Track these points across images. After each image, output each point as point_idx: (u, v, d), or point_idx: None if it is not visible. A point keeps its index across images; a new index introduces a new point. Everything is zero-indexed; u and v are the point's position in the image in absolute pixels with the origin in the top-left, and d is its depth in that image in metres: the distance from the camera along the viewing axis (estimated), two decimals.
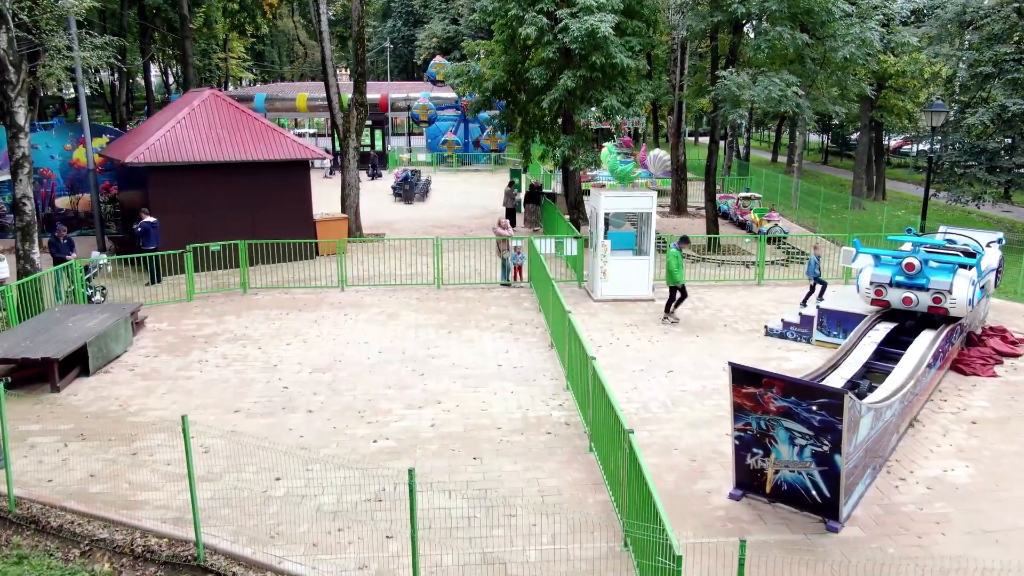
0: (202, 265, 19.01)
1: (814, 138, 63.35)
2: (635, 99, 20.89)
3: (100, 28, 49.22)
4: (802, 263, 21.14)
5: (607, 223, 17.00)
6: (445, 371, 12.85)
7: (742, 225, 26.52)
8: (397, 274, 19.34)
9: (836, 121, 42.50)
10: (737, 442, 8.46)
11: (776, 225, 24.28)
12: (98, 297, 16.83)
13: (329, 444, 10.18)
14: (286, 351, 13.84)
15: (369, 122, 46.91)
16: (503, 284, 18.52)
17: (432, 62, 47.92)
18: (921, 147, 51.81)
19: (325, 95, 28.00)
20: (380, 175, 41.82)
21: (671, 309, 15.63)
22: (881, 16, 20.02)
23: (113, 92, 52.79)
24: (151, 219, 18.58)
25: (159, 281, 18.65)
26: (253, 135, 20.51)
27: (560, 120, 24.40)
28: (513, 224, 26.56)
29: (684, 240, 16.52)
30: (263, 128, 20.81)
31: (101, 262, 17.67)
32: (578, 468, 9.48)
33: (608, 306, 16.79)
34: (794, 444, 7.98)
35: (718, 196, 27.98)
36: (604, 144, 33.87)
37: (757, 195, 27.58)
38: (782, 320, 14.68)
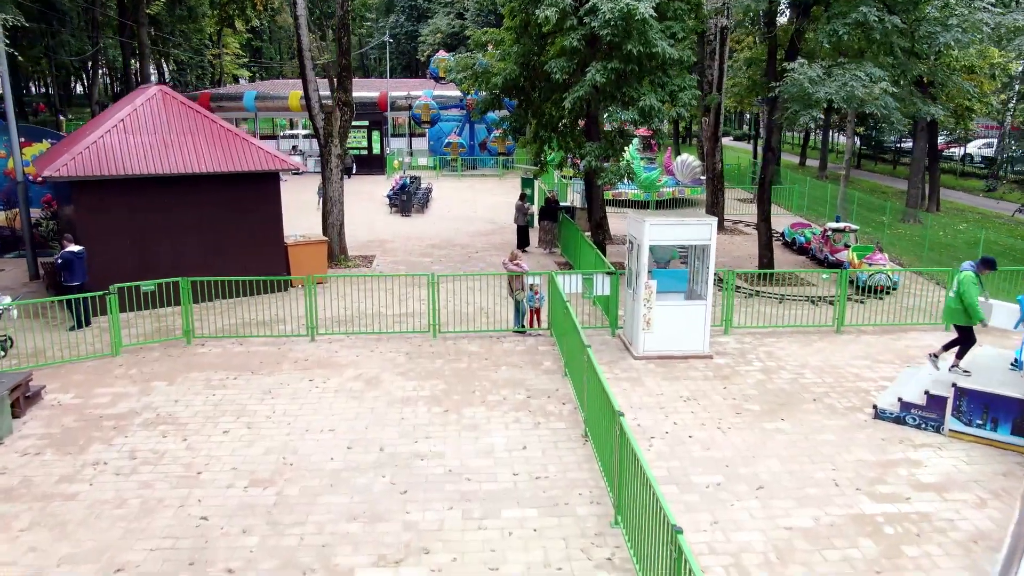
0: (141, 303, 15.26)
1: (843, 140, 59.28)
2: (678, 97, 16.99)
3: (85, 21, 45.62)
4: (881, 297, 17.15)
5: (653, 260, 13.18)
6: (438, 485, 9.02)
7: (835, 266, 19.16)
8: (384, 315, 15.53)
9: (873, 122, 38.49)
10: None
11: (882, 272, 17.18)
12: None
13: None
14: (220, 445, 10.03)
15: (366, 123, 43.11)
16: (516, 331, 14.69)
17: (434, 57, 44.04)
18: (970, 150, 47.86)
19: (322, 93, 24.34)
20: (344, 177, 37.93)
21: (960, 355, 11.11)
22: None
23: (96, 89, 49.16)
24: (75, 248, 14.80)
25: (87, 325, 14.89)
26: (210, 141, 16.71)
27: (583, 123, 20.56)
28: (527, 244, 22.75)
29: (988, 264, 11.25)
30: (223, 133, 17.01)
31: (2, 305, 13.95)
32: None
33: (653, 367, 12.94)
34: None
35: (790, 225, 23.54)
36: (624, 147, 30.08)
37: (852, 226, 20.56)
38: (899, 399, 10.78)
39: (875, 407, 10.99)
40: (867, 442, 10.20)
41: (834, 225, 20.53)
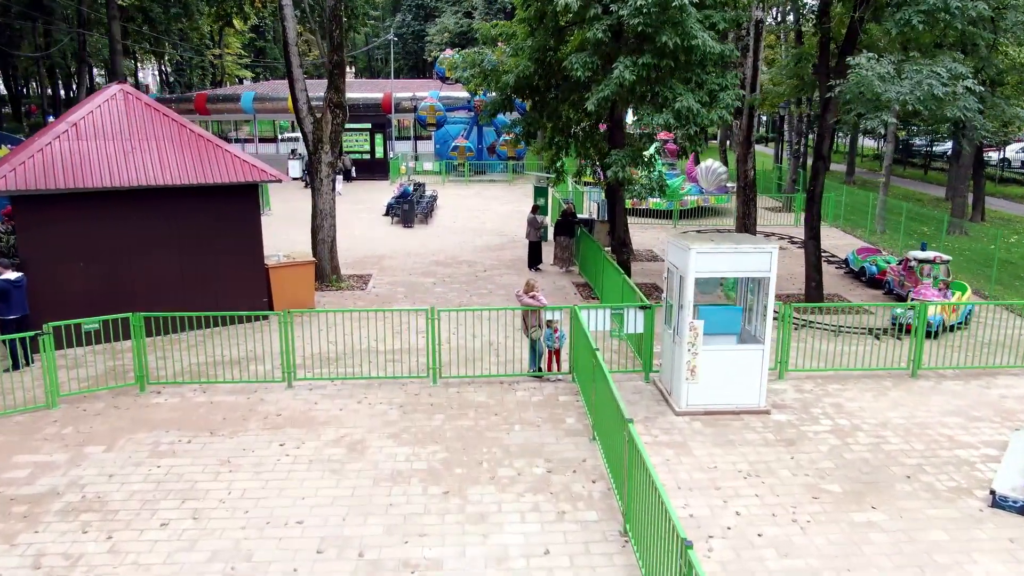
0: (93, 337, 13.04)
1: (869, 143, 56.77)
2: (719, 98, 14.67)
3: (78, 20, 43.55)
4: (958, 328, 14.63)
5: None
6: None
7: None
8: (376, 351, 13.27)
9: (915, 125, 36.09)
10: None
11: (912, 310, 13.67)
12: None
13: None
14: (153, 547, 7.77)
15: (368, 125, 40.93)
16: (532, 375, 12.39)
17: (440, 56, 41.79)
18: (1008, 154, 45.33)
19: (320, 94, 22.08)
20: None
21: None
22: None
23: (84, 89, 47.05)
24: (12, 276, 12.59)
25: (27, 364, 12.68)
26: (178, 148, 14.50)
27: (603, 126, 18.28)
28: (539, 261, 20.44)
29: None
30: (193, 139, 14.79)
31: None
32: None
33: (700, 426, 10.62)
34: None
35: (856, 251, 20.69)
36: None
37: (943, 256, 16.19)
38: None
39: (992, 492, 8.64)
40: (992, 545, 7.85)
41: (919, 255, 16.25)
